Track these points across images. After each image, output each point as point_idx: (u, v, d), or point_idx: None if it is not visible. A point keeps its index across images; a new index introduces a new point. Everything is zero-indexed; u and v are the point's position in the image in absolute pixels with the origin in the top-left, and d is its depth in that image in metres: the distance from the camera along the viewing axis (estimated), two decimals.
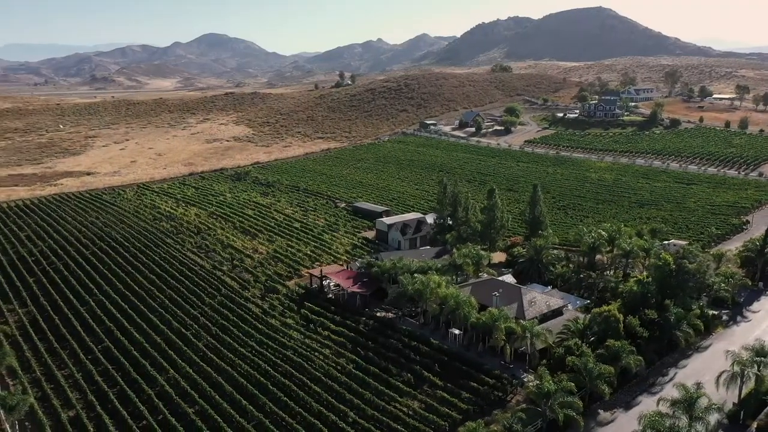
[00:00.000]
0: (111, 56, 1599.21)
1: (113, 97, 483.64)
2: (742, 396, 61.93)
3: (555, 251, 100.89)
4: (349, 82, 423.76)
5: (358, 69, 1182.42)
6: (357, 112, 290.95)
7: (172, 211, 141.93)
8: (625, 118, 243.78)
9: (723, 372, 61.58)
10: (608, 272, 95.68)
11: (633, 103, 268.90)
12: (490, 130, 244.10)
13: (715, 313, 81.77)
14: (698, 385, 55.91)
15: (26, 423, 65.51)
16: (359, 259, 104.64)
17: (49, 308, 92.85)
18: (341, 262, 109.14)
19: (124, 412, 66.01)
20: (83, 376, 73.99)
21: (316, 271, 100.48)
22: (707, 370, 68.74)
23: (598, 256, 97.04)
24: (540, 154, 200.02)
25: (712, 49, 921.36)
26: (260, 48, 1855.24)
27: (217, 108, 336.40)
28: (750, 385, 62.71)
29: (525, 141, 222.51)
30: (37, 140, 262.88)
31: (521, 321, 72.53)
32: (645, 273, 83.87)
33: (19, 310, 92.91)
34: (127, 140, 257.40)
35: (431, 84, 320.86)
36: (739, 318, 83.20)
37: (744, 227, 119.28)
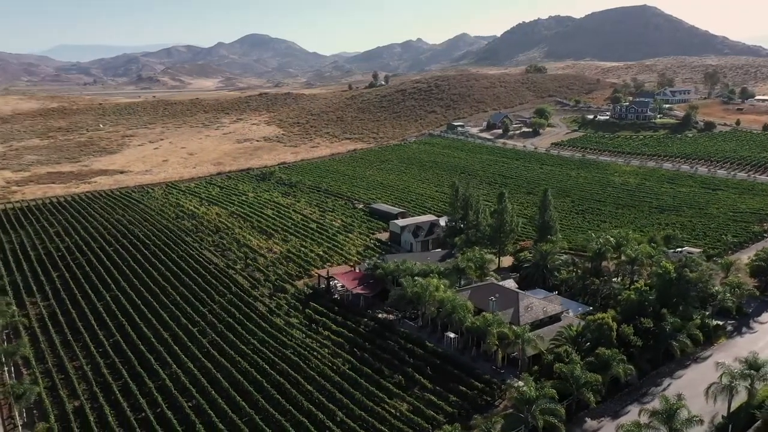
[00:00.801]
0: (157, 56, 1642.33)
1: (154, 97, 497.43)
2: (732, 409, 60.79)
3: (564, 256, 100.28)
4: (383, 83, 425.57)
5: (396, 69, 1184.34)
6: (386, 113, 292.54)
7: (194, 209, 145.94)
8: (658, 120, 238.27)
9: (712, 384, 60.58)
10: (616, 279, 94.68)
11: (667, 105, 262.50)
12: (518, 132, 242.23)
13: (720, 323, 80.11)
14: (679, 396, 55.31)
15: (34, 411, 69.13)
16: (367, 261, 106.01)
17: (68, 302, 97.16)
18: (352, 263, 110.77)
19: (125, 405, 68.90)
20: (92, 369, 77.38)
21: (323, 272, 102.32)
22: (703, 381, 67.13)
23: (605, 263, 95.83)
24: (565, 157, 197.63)
25: (762, 48, 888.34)
26: (301, 48, 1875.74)
27: (250, 108, 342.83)
28: (741, 398, 61.50)
29: (552, 143, 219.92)
30: (78, 139, 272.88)
31: (513, 326, 72.61)
32: (647, 281, 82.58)
33: (41, 304, 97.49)
34: (162, 140, 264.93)
35: (461, 85, 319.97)
36: (744, 329, 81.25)
37: (765, 235, 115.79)
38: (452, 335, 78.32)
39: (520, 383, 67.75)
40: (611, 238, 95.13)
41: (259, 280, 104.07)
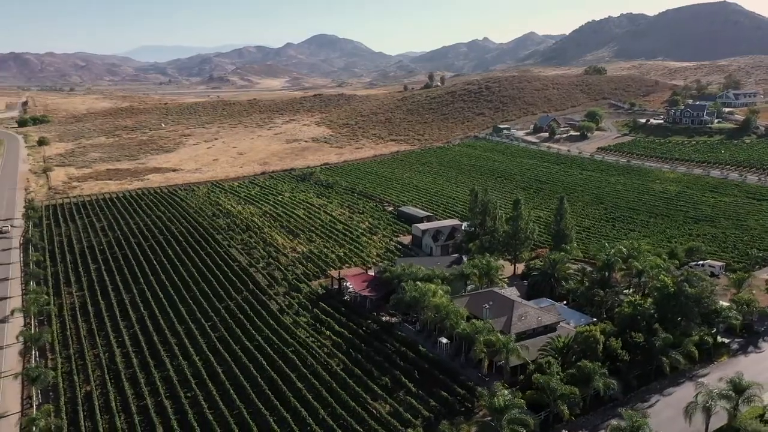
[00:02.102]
0: (229, 57, 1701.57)
1: (218, 97, 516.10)
2: (713, 430, 59.17)
3: (576, 266, 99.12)
4: (438, 84, 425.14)
5: (461, 69, 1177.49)
6: (434, 115, 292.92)
7: (231, 208, 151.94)
8: (714, 125, 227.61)
9: (690, 403, 59.20)
10: (628, 291, 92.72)
11: (728, 109, 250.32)
12: (565, 135, 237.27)
13: (724, 341, 77.40)
14: (644, 414, 54.55)
15: (50, 393, 75.12)
16: (379, 263, 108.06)
17: (99, 293, 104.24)
18: (369, 265, 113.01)
19: (130, 392, 73.97)
20: (107, 357, 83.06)
21: (336, 273, 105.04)
22: None
23: (616, 274, 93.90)
24: (609, 163, 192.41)
25: None
26: (367, 48, 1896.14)
27: (304, 109, 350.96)
28: (723, 419, 59.75)
29: (598, 148, 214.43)
30: (140, 138, 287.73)
31: (502, 335, 72.80)
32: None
33: (75, 294, 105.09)
34: (216, 139, 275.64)
35: (512, 87, 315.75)
36: (750, 348, 77.96)
37: None
38: (445, 341, 79.30)
39: (505, 392, 68.20)
40: (623, 249, 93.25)
41: (277, 279, 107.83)
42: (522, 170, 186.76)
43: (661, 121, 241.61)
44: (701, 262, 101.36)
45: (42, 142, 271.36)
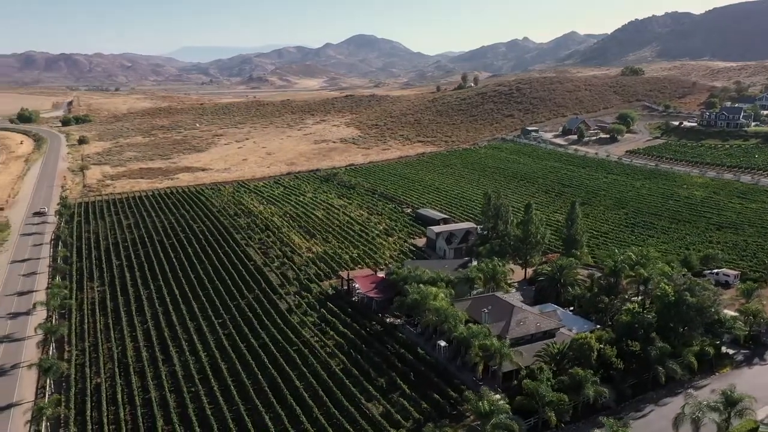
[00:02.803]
0: (269, 57, 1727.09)
1: (255, 97, 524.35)
2: None
3: (585, 272, 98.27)
4: (472, 84, 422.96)
5: (500, 69, 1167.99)
6: (463, 116, 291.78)
7: (252, 208, 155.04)
8: (751, 128, 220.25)
9: (678, 414, 58.46)
10: (636, 298, 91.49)
11: (766, 112, 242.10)
12: (594, 138, 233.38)
13: (729, 352, 75.78)
14: (625, 423, 54.22)
15: (63, 384, 78.63)
16: (389, 265, 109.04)
17: (119, 289, 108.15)
18: (382, 267, 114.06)
19: (136, 385, 76.80)
20: (120, 351, 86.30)
21: (345, 274, 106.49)
22: None
23: (627, 280, 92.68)
24: (637, 166, 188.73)
25: None
26: (405, 48, 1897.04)
27: (335, 109, 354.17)
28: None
29: (627, 151, 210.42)
30: (175, 137, 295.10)
31: (495, 339, 72.98)
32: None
33: (96, 289, 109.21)
34: (247, 139, 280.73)
35: (543, 88, 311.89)
36: (756, 360, 76.13)
37: None
38: (443, 344, 79.85)
39: (496, 396, 68.45)
40: (632, 255, 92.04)
41: (289, 279, 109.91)
42: (545, 173, 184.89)
43: (695, 124, 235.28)
44: (715, 270, 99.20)
45: (82, 141, 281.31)
